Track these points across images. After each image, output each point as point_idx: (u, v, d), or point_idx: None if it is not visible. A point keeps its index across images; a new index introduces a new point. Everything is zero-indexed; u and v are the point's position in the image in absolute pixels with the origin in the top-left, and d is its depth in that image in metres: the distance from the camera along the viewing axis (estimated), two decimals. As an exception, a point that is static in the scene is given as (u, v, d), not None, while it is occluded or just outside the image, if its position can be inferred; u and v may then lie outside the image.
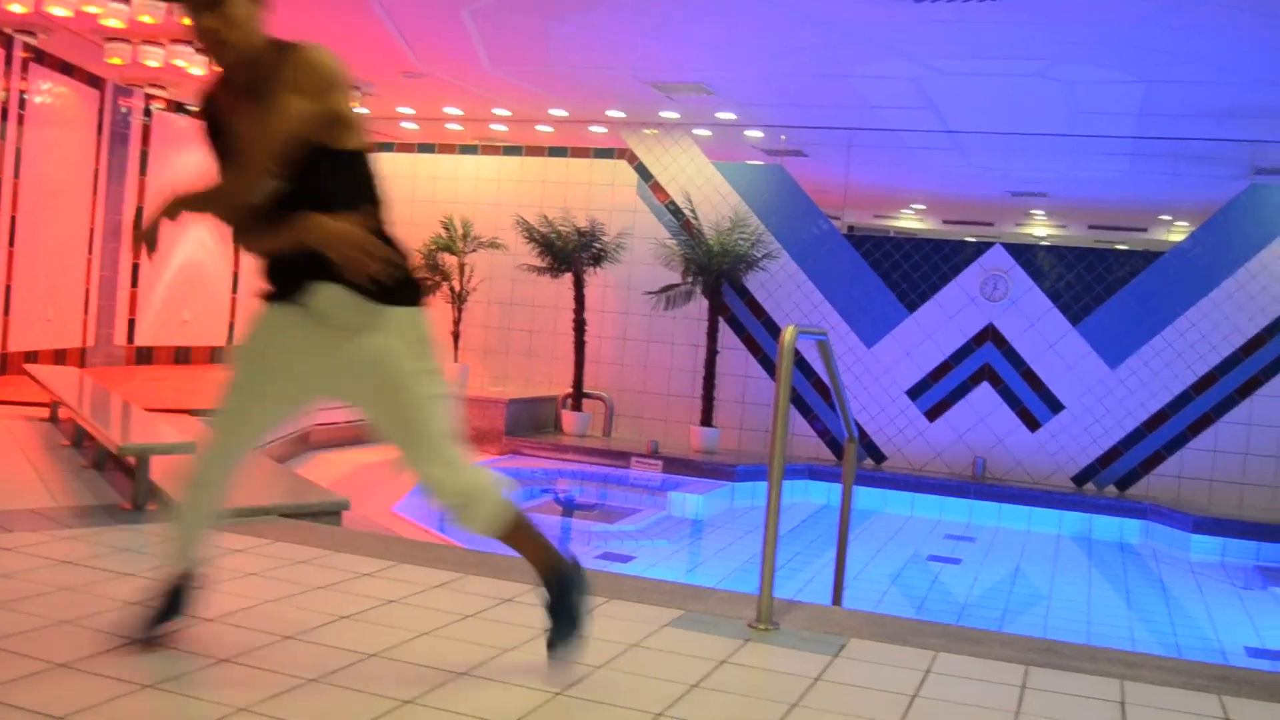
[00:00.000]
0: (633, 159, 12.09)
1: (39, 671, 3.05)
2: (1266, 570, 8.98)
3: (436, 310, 12.50)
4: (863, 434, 11.13)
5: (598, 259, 11.54)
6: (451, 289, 12.18)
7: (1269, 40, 7.22)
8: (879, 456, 11.21)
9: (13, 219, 9.91)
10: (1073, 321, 10.73)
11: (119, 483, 5.88)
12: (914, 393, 11.14)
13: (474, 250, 12.21)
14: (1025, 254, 11.02)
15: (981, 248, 11.16)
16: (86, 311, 11.16)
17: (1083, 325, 10.70)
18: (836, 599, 5.44)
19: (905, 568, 8.42)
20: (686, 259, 11.10)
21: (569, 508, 10.02)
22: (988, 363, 10.95)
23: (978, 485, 10.56)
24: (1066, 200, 14.97)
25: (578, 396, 11.68)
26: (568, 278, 11.61)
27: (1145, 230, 16.66)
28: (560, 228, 11.49)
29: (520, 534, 3.27)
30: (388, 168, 13.12)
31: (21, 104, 9.89)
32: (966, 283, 11.03)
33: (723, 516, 9.64)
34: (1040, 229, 17.67)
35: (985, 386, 10.95)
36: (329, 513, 5.54)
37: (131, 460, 5.42)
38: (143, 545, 4.56)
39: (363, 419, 3.18)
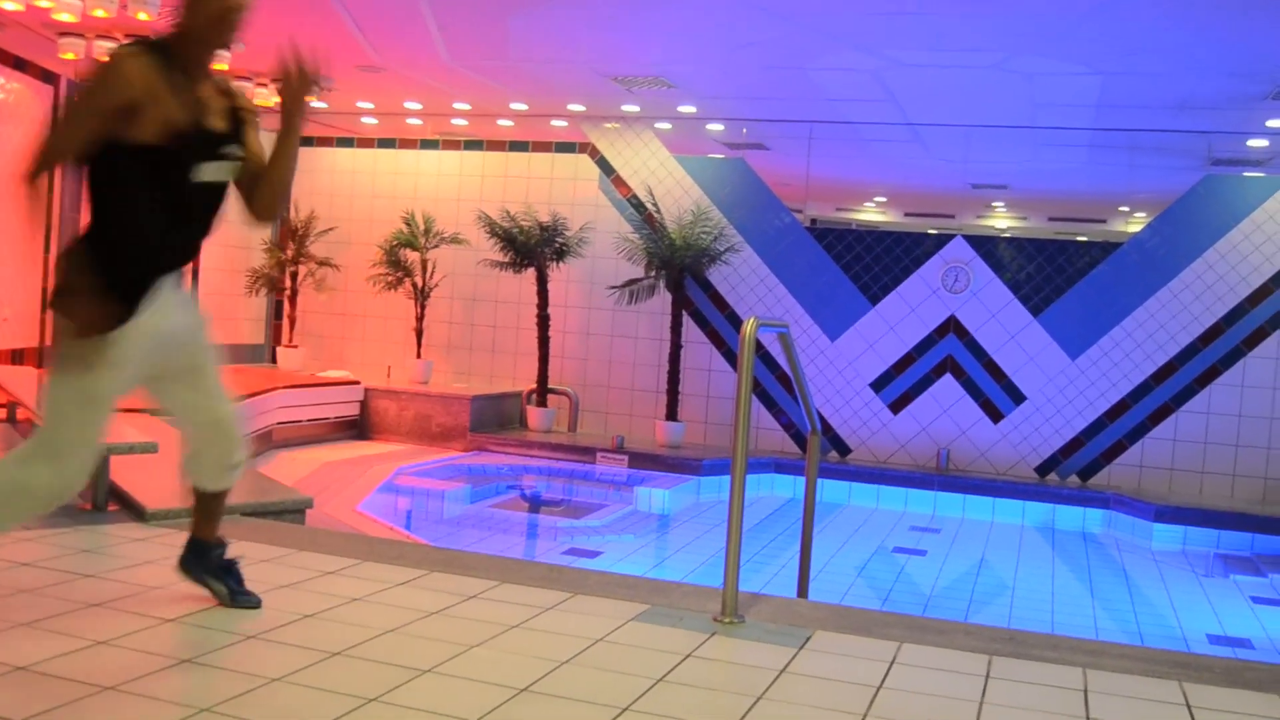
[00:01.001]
0: (594, 153, 12.07)
1: (-5, 676, 3.01)
2: (1227, 558, 9.08)
3: (400, 306, 12.45)
4: (827, 427, 11.16)
5: (560, 254, 11.51)
6: (414, 285, 12.11)
7: (1222, 33, 7.29)
8: (844, 449, 11.25)
9: (-34, 218, 9.77)
10: (1034, 313, 10.80)
11: (77, 484, 5.80)
12: (877, 385, 11.18)
13: (436, 246, 12.15)
14: (986, 246, 11.08)
15: (943, 240, 11.22)
16: (44, 310, 11.02)
17: (1043, 316, 10.77)
18: (802, 592, 5.45)
19: (871, 560, 8.46)
20: (649, 253, 11.09)
21: (535, 503, 10.00)
22: (950, 354, 11.00)
23: (942, 477, 10.62)
24: (1027, 192, 15.07)
25: (542, 392, 11.65)
26: (530, 273, 11.58)
27: (1104, 221, 16.81)
28: (522, 223, 11.45)
29: None
30: (348, 163, 13.10)
31: (-26, 101, 9.75)
32: (928, 275, 11.08)
33: (689, 511, 9.64)
34: (1001, 221, 17.79)
35: (948, 378, 11.01)
36: (293, 511, 5.50)
37: (89, 461, 5.35)
38: (103, 546, 4.51)
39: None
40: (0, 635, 3.35)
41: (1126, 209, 15.87)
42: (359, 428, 11.55)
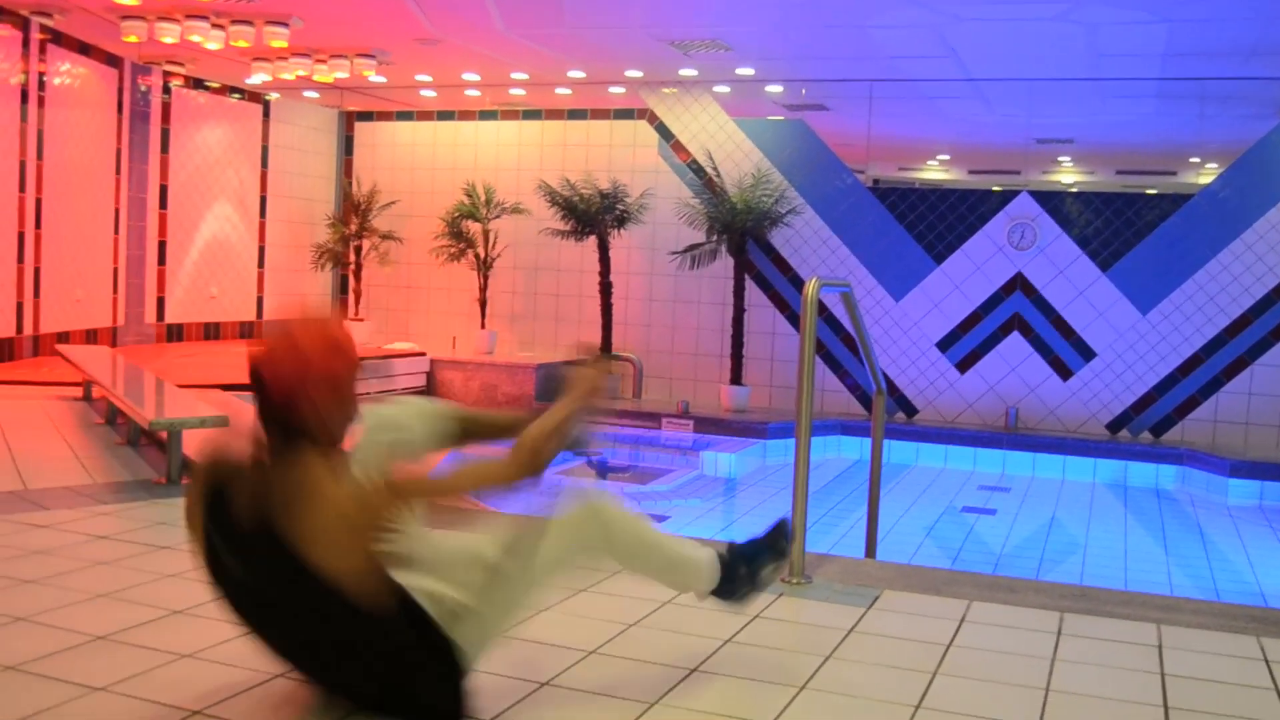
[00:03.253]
0: (653, 119, 12.02)
1: (78, 645, 3.09)
2: (1305, 512, 8.91)
3: (463, 278, 12.53)
4: (893, 388, 11.09)
5: (621, 221, 11.51)
6: (476, 256, 12.18)
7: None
8: (910, 410, 11.17)
9: (38, 201, 9.97)
10: (1102, 268, 10.63)
11: (152, 458, 5.93)
12: (944, 344, 11.08)
13: (497, 216, 12.20)
14: (1053, 201, 10.91)
15: (1008, 196, 11.06)
16: (115, 291, 11.23)
17: (1112, 271, 10.60)
18: (870, 552, 5.43)
19: (939, 520, 8.41)
20: (710, 218, 11.05)
21: (603, 470, 10.04)
22: (1017, 312, 10.87)
23: (1011, 436, 10.51)
24: (1093, 145, 14.80)
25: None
26: (592, 241, 11.59)
27: (1174, 173, 16.46)
28: (583, 191, 11.46)
29: None
30: (408, 136, 13.18)
31: (41, 85, 9.92)
32: (994, 232, 10.94)
33: (755, 475, 9.64)
34: (1067, 176, 17.49)
35: (1016, 336, 10.88)
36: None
37: (164, 435, 5.46)
38: (176, 518, 4.60)
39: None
40: (81, 606, 3.44)
41: (1197, 160, 15.52)
42: (426, 398, 11.66)
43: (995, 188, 12.43)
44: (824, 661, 3.20)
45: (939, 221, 11.12)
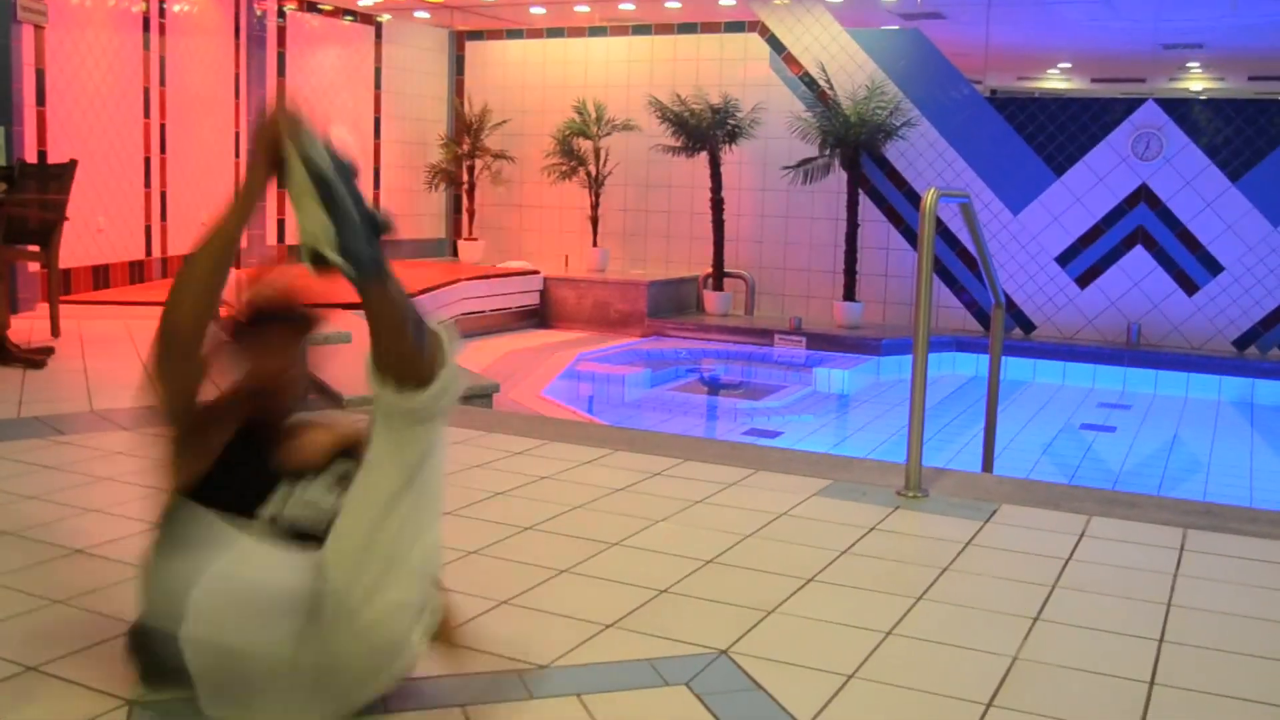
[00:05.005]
0: (764, 31, 11.83)
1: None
2: None
3: (575, 196, 12.57)
4: (1010, 303, 10.88)
5: (733, 136, 11.40)
6: (588, 173, 12.19)
7: None
8: (1028, 326, 10.97)
9: (162, 127, 10.21)
10: (1232, 178, 10.25)
11: (279, 374, 6.10)
12: (1063, 259, 10.83)
13: (608, 134, 12.18)
14: (1180, 109, 10.52)
15: (1132, 105, 10.69)
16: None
17: (1243, 182, 10.21)
18: (987, 467, 5.40)
19: (1057, 437, 8.29)
20: (823, 131, 10.89)
21: (714, 386, 10.07)
22: (1141, 225, 10.56)
23: (1132, 352, 10.27)
24: (1224, 50, 14.18)
25: (718, 276, 11.65)
26: (703, 157, 11.52)
27: (1311, 78, 15.74)
28: (693, 106, 11.36)
29: None
30: (518, 55, 13.17)
31: (161, 13, 10.11)
32: (1117, 142, 10.60)
33: (868, 391, 9.58)
34: (1196, 83, 16.82)
35: (1139, 250, 10.58)
36: (480, 396, 5.68)
37: (290, 351, 5.62)
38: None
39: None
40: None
41: (1336, 63, 14.81)
42: (539, 316, 11.77)
43: (1119, 96, 12.03)
44: (941, 573, 3.21)
45: (1059, 132, 10.81)
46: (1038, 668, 2.60)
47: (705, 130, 11.28)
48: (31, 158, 8.32)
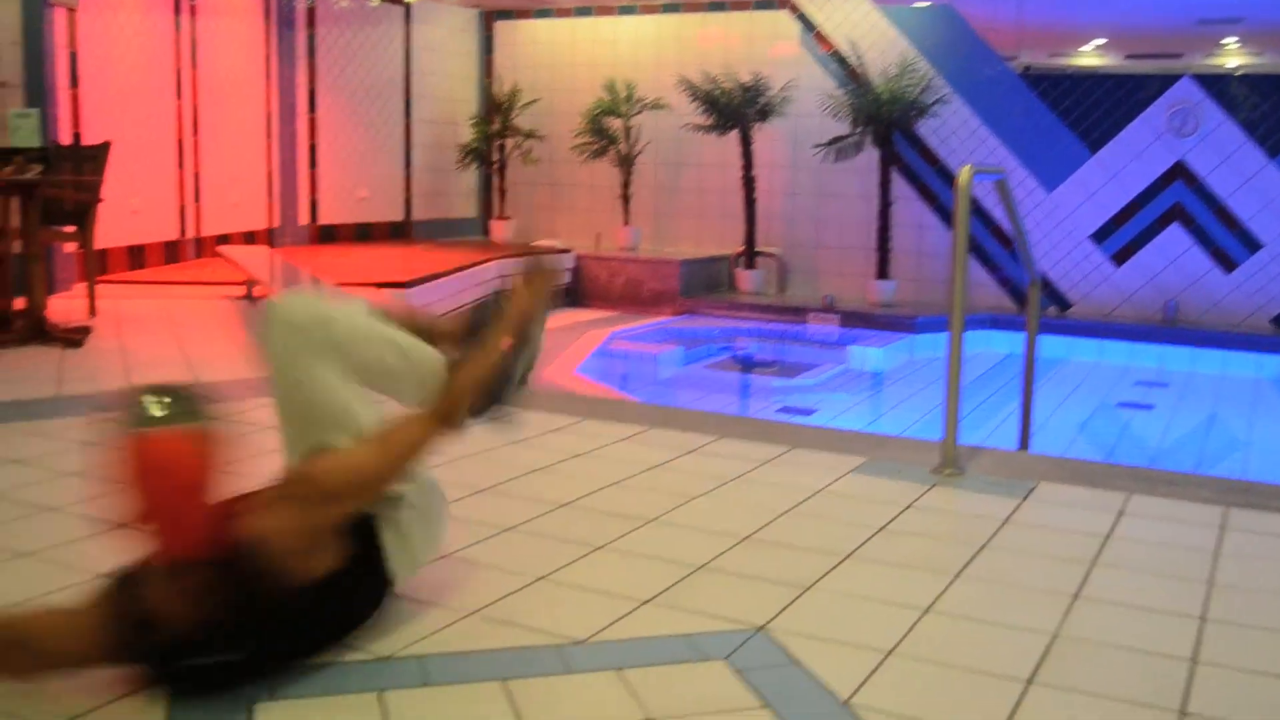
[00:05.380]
0: (794, 9, 11.75)
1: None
2: None
3: (606, 175, 12.54)
4: (1045, 281, 10.78)
5: (763, 114, 11.34)
6: (618, 152, 12.16)
7: None
8: (1064, 304, 10.88)
9: (195, 108, 10.25)
10: (1270, 154, 10.11)
11: (313, 354, 6.12)
12: (1098, 236, 10.72)
13: (638, 112, 12.14)
14: (1217, 85, 10.38)
15: (1168, 81, 10.55)
16: (270, 194, 11.54)
17: (1282, 157, 10.09)
18: (1023, 445, 5.36)
19: (1093, 415, 8.22)
20: (854, 109, 10.82)
21: (748, 364, 10.05)
22: (1178, 201, 10.44)
23: (1169, 330, 10.17)
24: (1263, 24, 13.98)
25: (750, 254, 11.61)
26: (734, 135, 11.46)
27: (1352, 52, 15.51)
28: (724, 84, 11.31)
29: None
30: (546, 34, 13.14)
31: (194, -6, 10.15)
32: (1153, 119, 10.48)
33: (903, 369, 9.54)
34: (1233, 59, 16.60)
35: (1175, 227, 10.47)
36: (512, 375, 5.67)
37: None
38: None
39: None
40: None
41: (1377, 37, 14.59)
42: (572, 295, 11.77)
43: (1155, 72, 11.89)
44: (978, 551, 3.19)
45: (1094, 109, 10.70)
46: (1078, 645, 2.58)
47: (735, 108, 11.23)
48: (66, 140, 8.38)
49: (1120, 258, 10.64)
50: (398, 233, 12.79)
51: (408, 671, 2.34)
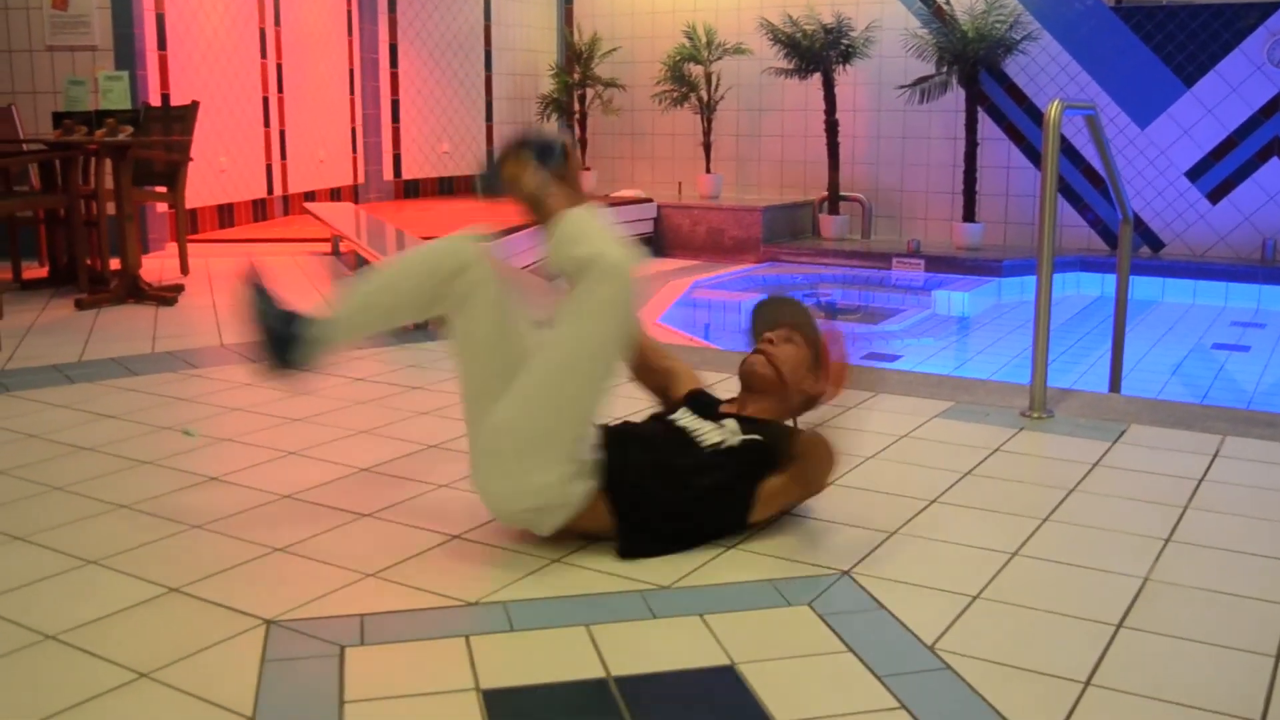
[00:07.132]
0: (878, -53, 11.53)
1: (344, 476, 3.31)
2: None
3: (687, 122, 12.46)
4: (1137, 221, 10.53)
5: (846, 56, 11.16)
6: (699, 99, 12.07)
7: None
8: (1156, 244, 10.62)
9: (279, 66, 10.37)
10: (1377, 82, 9.74)
11: (399, 307, 6.20)
12: (1193, 174, 10.43)
13: (719, 58, 12.02)
14: (1321, 11, 10.00)
15: (1268, 10, 10.18)
16: (355, 150, 11.65)
17: (1389, 85, 9.70)
18: (1114, 388, 5.27)
19: (1187, 357, 8.03)
20: (939, 48, 10.60)
21: (832, 311, 9.97)
22: (1278, 135, 10.11)
23: (1268, 269, 9.89)
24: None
25: (834, 199, 11.49)
26: (816, 79, 11.31)
27: None
28: (805, 26, 11.15)
29: None
30: (626, -20, 13.02)
31: (275, -48, 10.23)
32: (1251, 50, 10.13)
33: (990, 313, 9.40)
34: (1338, -17, 15.96)
35: (1275, 162, 10.14)
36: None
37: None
38: (427, 361, 4.83)
39: None
40: (345, 441, 3.67)
41: None
42: (654, 244, 11.75)
43: (1253, 0, 11.48)
44: (1067, 494, 3.15)
45: (1189, 41, 10.37)
46: (1170, 589, 2.54)
47: (818, 51, 11.07)
48: (155, 101, 8.53)
49: (1216, 195, 10.35)
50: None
51: (493, 616, 2.37)
